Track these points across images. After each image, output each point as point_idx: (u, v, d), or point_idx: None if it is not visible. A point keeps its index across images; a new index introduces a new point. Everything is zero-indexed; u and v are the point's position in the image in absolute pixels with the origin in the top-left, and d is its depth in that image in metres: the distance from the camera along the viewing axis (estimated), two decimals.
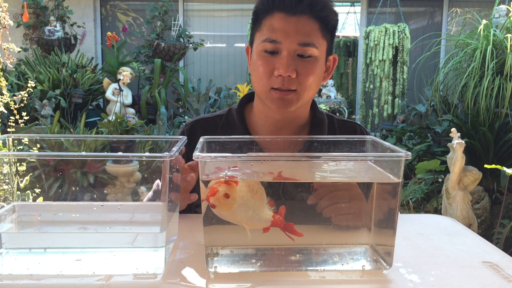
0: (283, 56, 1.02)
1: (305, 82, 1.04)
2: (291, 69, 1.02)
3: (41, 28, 5.63)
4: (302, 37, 1.02)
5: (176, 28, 5.78)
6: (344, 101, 5.91)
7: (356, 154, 0.84)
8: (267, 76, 1.05)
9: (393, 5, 5.70)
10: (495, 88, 3.48)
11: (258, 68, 1.06)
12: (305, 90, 1.05)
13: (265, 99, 1.07)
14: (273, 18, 1.04)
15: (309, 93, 1.08)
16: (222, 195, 0.66)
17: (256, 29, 1.09)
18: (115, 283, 0.67)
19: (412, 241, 0.87)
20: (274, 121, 1.13)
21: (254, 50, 1.09)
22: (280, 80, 1.03)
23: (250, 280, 0.69)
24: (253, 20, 1.11)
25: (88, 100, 5.08)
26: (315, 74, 1.06)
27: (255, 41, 1.09)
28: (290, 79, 1.03)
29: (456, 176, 2.68)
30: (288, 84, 1.03)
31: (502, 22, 3.94)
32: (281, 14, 1.03)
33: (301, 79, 1.04)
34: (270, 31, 1.04)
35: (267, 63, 1.04)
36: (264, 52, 1.05)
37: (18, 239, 0.75)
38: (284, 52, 1.03)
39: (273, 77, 1.04)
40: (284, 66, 1.01)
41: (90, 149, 2.51)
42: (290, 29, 1.02)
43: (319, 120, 1.17)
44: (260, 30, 1.07)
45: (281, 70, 1.01)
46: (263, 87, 1.06)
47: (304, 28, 1.03)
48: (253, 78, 1.10)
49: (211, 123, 1.20)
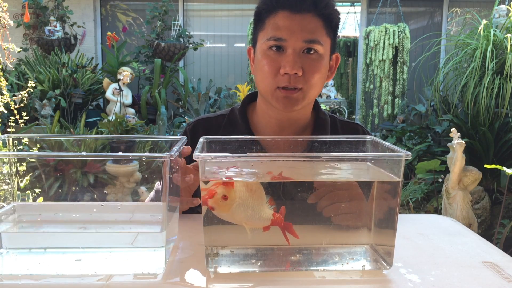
0: (288, 54, 1.02)
1: (310, 80, 1.04)
2: (297, 67, 1.01)
3: (41, 28, 5.63)
4: (307, 34, 1.02)
5: (176, 28, 5.78)
6: (344, 101, 5.91)
7: (356, 154, 0.84)
8: (272, 75, 1.04)
9: (393, 5, 5.70)
10: (495, 88, 3.48)
11: (263, 67, 1.05)
12: (310, 88, 1.05)
13: (271, 98, 1.07)
14: (277, 17, 1.04)
15: (315, 92, 1.07)
16: (220, 197, 0.66)
17: (259, 29, 1.09)
18: (115, 283, 0.67)
19: (412, 241, 0.87)
20: (277, 121, 1.13)
21: (258, 50, 1.08)
22: (286, 78, 1.02)
23: (250, 280, 0.69)
24: (256, 20, 1.10)
25: (88, 100, 5.08)
26: (321, 72, 1.05)
27: (258, 41, 1.08)
28: (296, 77, 1.02)
29: (456, 176, 2.68)
30: (294, 82, 1.03)
31: (502, 22, 3.94)
32: (285, 13, 1.03)
33: (307, 77, 1.03)
34: (275, 29, 1.03)
35: (273, 62, 1.04)
36: (269, 50, 1.04)
37: (18, 239, 0.75)
38: (290, 50, 1.02)
39: (279, 76, 1.03)
40: (291, 63, 1.01)
41: (90, 149, 2.51)
42: (295, 27, 1.02)
43: (322, 121, 1.17)
44: (264, 30, 1.06)
45: (288, 67, 1.01)
46: (269, 87, 1.05)
47: (309, 26, 1.03)
48: (257, 78, 1.09)
49: (214, 122, 1.19)
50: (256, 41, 1.10)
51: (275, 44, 1.03)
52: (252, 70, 1.13)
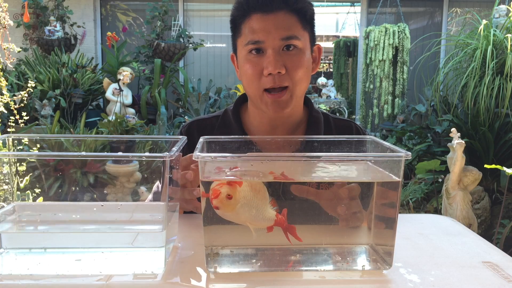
0: (269, 55, 1.03)
1: (295, 76, 1.05)
2: (279, 65, 1.02)
3: (41, 28, 5.63)
4: (283, 31, 1.03)
5: (176, 28, 5.79)
6: (344, 101, 5.91)
7: (356, 154, 0.84)
8: (257, 78, 1.05)
9: (393, 5, 5.70)
10: (495, 88, 3.48)
11: (246, 71, 1.06)
12: (297, 84, 1.06)
13: (260, 103, 1.08)
14: (251, 21, 1.05)
15: (301, 87, 1.08)
16: (224, 197, 0.66)
17: (237, 36, 1.10)
18: (115, 283, 0.67)
19: (412, 241, 0.87)
20: (269, 120, 1.14)
21: (239, 56, 1.10)
22: (271, 79, 1.03)
23: (250, 280, 0.69)
24: (232, 28, 1.12)
25: (88, 100, 5.08)
26: (304, 66, 1.06)
27: (238, 48, 1.10)
28: (280, 76, 1.03)
29: (456, 176, 2.68)
30: (279, 81, 1.03)
31: (502, 22, 3.94)
32: (257, 15, 1.04)
33: (291, 74, 1.04)
34: (251, 33, 1.04)
35: (255, 65, 1.05)
36: (249, 54, 1.05)
37: (18, 239, 0.75)
38: (269, 50, 1.03)
39: (263, 78, 1.04)
40: (272, 63, 1.02)
41: (90, 149, 2.51)
42: (270, 27, 1.03)
43: (316, 119, 1.18)
44: (241, 36, 1.08)
45: (270, 68, 1.02)
46: (256, 90, 1.07)
47: (283, 23, 1.03)
48: (244, 84, 1.10)
49: (208, 124, 1.20)
50: (236, 48, 1.12)
51: (254, 48, 1.04)
52: (238, 76, 1.14)
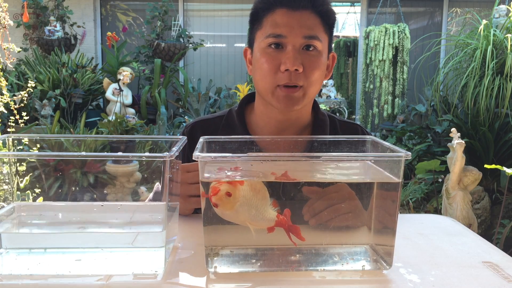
0: (288, 51, 1.02)
1: (311, 77, 1.04)
2: (298, 63, 1.01)
3: (41, 28, 5.63)
4: (306, 30, 1.02)
5: (176, 28, 5.79)
6: (344, 101, 5.91)
7: (356, 154, 0.84)
8: (272, 72, 1.03)
9: (393, 5, 5.70)
10: (495, 88, 3.48)
11: (262, 65, 1.05)
12: (311, 85, 1.05)
13: (271, 98, 1.06)
14: (275, 14, 1.04)
15: (314, 89, 1.07)
16: (224, 194, 0.66)
17: (256, 28, 1.08)
18: (115, 283, 0.67)
19: (412, 241, 0.87)
20: (276, 122, 1.12)
21: (257, 49, 1.07)
22: (287, 76, 1.02)
23: (250, 280, 0.69)
24: (252, 20, 1.10)
25: (88, 100, 5.08)
26: (320, 69, 1.05)
27: (256, 40, 1.08)
28: (296, 74, 1.02)
29: (456, 176, 2.68)
30: (295, 79, 1.02)
31: (502, 22, 3.94)
32: (283, 10, 1.03)
33: (307, 74, 1.03)
34: (274, 26, 1.03)
35: (272, 59, 1.03)
36: (268, 48, 1.04)
37: (18, 239, 0.75)
38: (290, 46, 1.02)
39: (279, 73, 1.03)
40: (291, 60, 1.01)
41: (90, 149, 2.51)
42: (294, 23, 1.02)
43: (322, 122, 1.16)
44: (262, 28, 1.06)
45: (288, 64, 1.00)
46: (269, 85, 1.05)
47: (307, 22, 1.03)
48: (256, 78, 1.08)
49: (212, 124, 1.19)
50: (253, 41, 1.10)
51: (274, 42, 1.03)
52: (249, 71, 1.13)
